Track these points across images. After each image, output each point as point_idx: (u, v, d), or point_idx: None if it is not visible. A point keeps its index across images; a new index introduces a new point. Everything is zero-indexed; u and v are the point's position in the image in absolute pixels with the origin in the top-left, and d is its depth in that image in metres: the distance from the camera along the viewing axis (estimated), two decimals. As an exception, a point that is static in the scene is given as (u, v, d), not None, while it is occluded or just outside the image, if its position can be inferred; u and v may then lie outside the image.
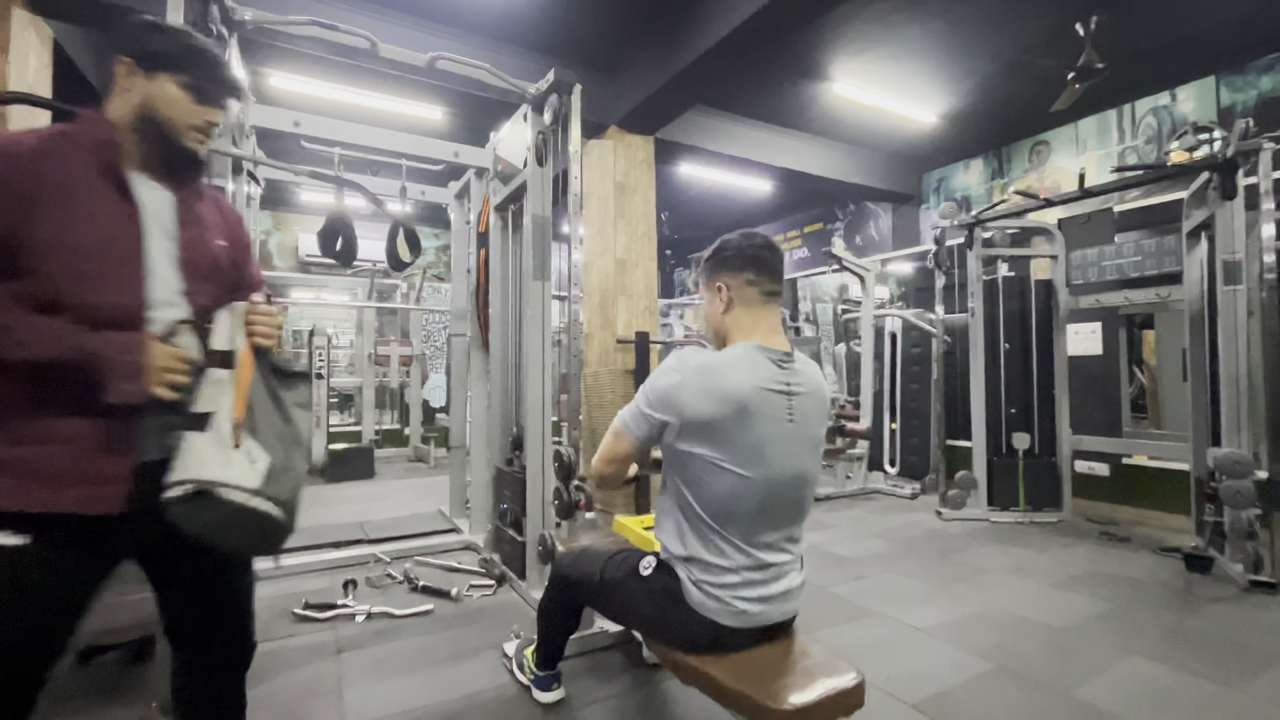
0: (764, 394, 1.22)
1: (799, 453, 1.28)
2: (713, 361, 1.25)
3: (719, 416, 1.20)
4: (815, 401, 1.31)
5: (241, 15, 1.91)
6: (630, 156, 4.03)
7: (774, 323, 1.34)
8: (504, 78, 2.37)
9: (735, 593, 1.24)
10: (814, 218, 7.11)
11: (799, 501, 1.31)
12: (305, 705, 1.78)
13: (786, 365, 1.28)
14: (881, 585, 2.82)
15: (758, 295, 1.32)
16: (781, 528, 1.30)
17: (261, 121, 2.61)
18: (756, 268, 1.32)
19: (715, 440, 1.21)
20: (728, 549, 1.25)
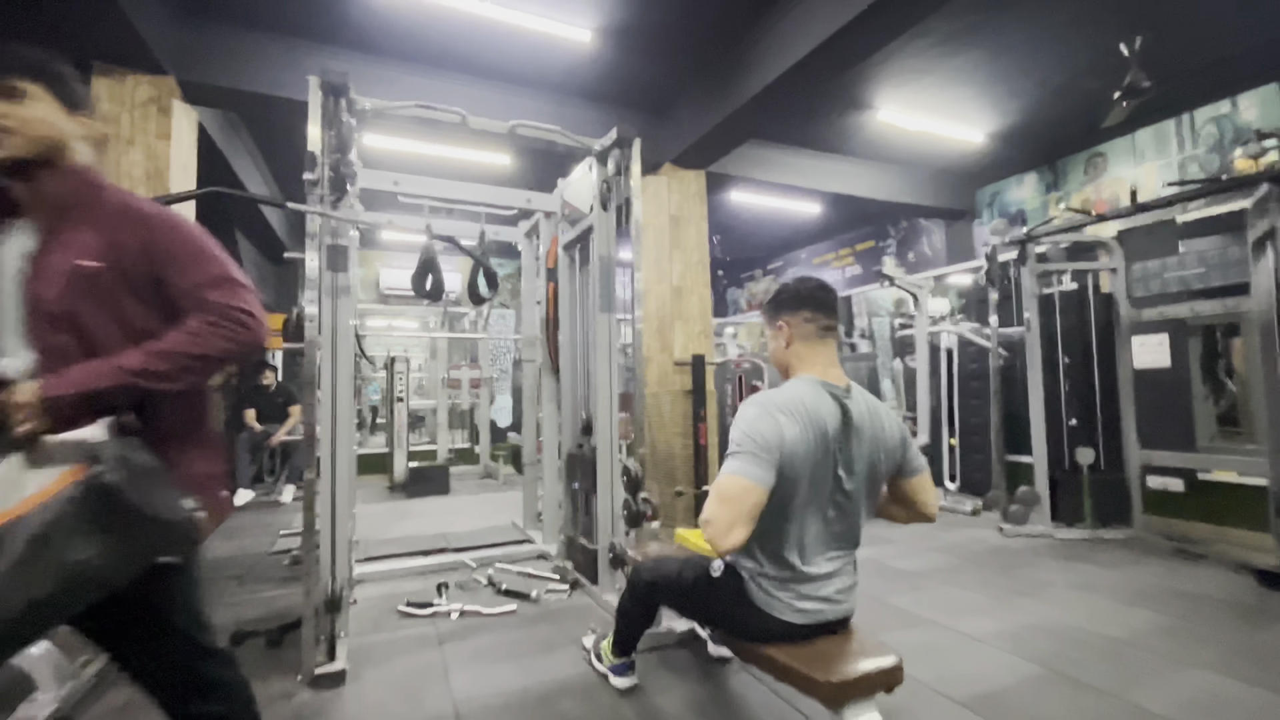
0: (826, 420, 1.39)
1: (854, 475, 1.45)
2: (788, 397, 1.41)
3: (803, 441, 1.36)
4: (869, 431, 1.45)
5: (363, 105, 2.32)
6: (683, 191, 4.32)
7: (831, 356, 1.53)
8: (572, 137, 2.70)
9: (795, 595, 1.45)
10: (865, 235, 7.19)
11: (851, 521, 1.49)
12: (420, 685, 2.08)
13: (845, 399, 1.45)
14: (939, 597, 2.91)
15: (814, 330, 1.50)
16: (839, 543, 1.49)
17: (367, 184, 3.04)
18: (813, 306, 1.51)
19: (789, 464, 1.35)
20: (787, 559, 1.44)
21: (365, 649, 2.38)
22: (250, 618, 2.64)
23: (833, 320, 1.53)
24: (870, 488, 1.51)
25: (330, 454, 2.32)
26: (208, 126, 3.69)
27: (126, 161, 2.86)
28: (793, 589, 1.45)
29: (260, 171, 5.15)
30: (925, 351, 5.22)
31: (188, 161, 3.23)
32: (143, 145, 2.91)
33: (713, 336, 4.49)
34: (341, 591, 2.23)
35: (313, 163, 2.06)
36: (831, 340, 1.54)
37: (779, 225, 7.28)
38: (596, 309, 2.87)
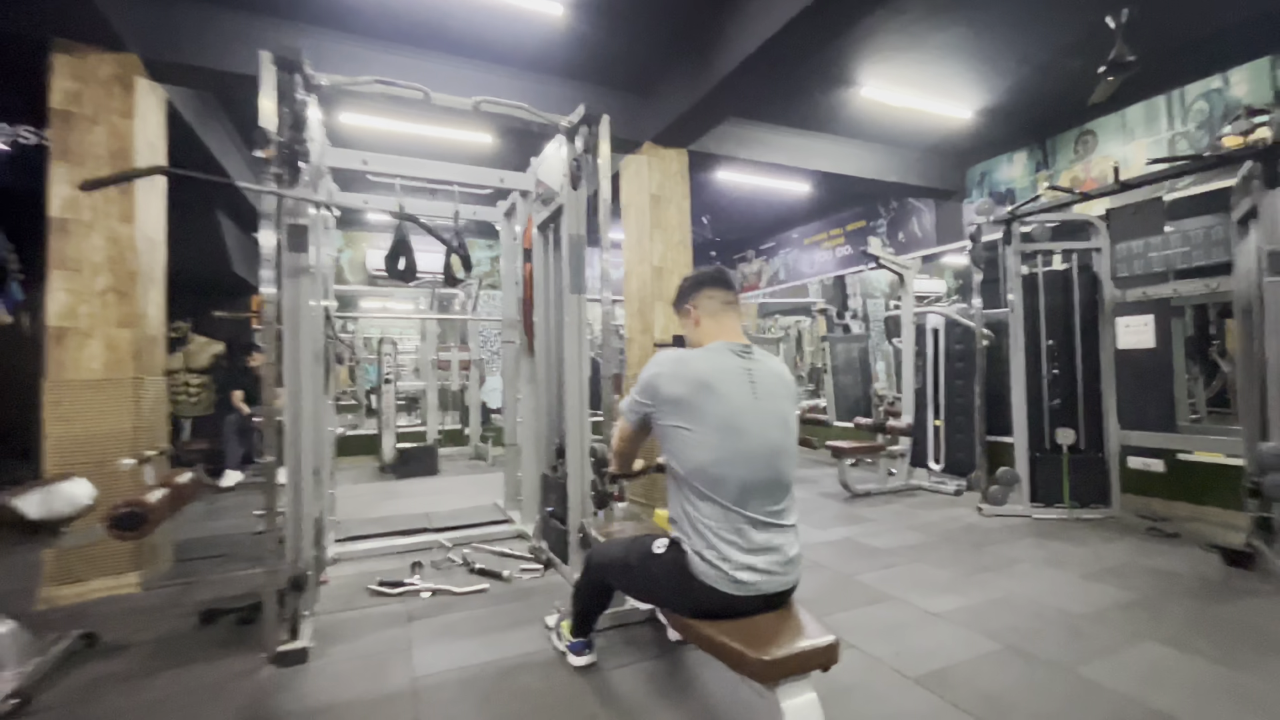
0: (724, 373, 1.52)
1: (767, 425, 1.51)
2: (683, 355, 1.59)
3: (687, 394, 1.49)
4: (775, 381, 1.58)
5: (320, 81, 2.28)
6: (664, 170, 4.26)
7: (734, 325, 1.67)
8: (539, 114, 2.66)
9: (731, 562, 1.46)
10: (856, 215, 7.12)
11: (778, 474, 1.52)
12: (383, 661, 2.11)
13: (745, 354, 1.58)
14: (907, 574, 2.93)
15: (717, 305, 1.67)
16: (766, 501, 1.50)
17: (335, 162, 3.01)
18: (711, 284, 1.68)
19: (686, 413, 1.49)
20: (720, 518, 1.47)
21: (334, 627, 2.41)
22: (228, 595, 2.67)
23: (732, 296, 1.70)
24: (789, 441, 1.56)
25: (293, 435, 2.32)
26: (181, 107, 3.63)
27: (89, 140, 2.82)
28: (731, 557, 1.46)
29: (240, 152, 5.09)
30: (911, 333, 5.20)
31: (155, 141, 3.19)
32: (106, 124, 2.86)
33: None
34: (306, 571, 2.25)
35: (263, 140, 2.03)
36: (733, 312, 1.70)
37: (769, 205, 7.21)
38: (567, 289, 2.85)
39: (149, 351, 3.04)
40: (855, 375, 7.61)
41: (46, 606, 2.66)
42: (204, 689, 1.93)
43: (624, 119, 4.12)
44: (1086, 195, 3.69)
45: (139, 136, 2.98)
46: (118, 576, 2.83)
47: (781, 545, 1.52)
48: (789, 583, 1.54)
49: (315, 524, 2.57)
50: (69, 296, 2.79)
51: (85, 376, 2.80)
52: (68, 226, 2.80)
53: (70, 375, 2.78)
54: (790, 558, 1.53)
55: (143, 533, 1.88)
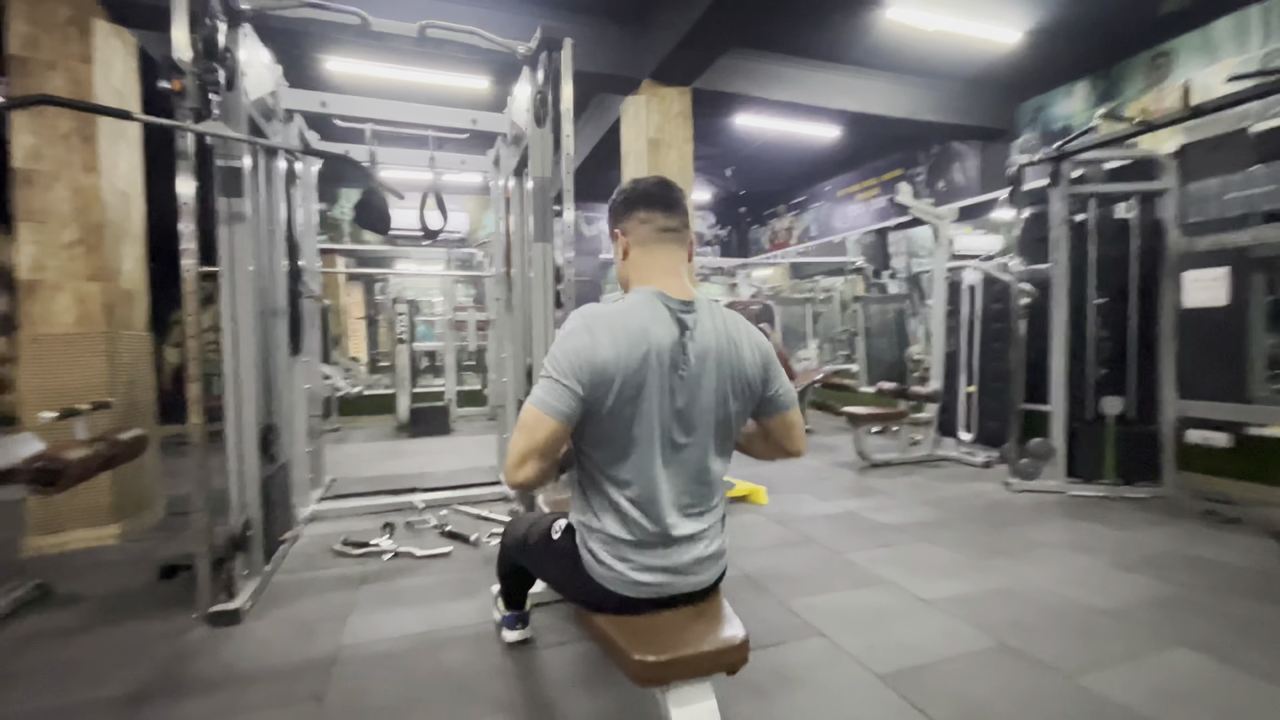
0: (648, 336, 1.16)
1: (694, 408, 1.21)
2: (613, 311, 1.18)
3: (625, 367, 1.13)
4: (715, 357, 1.21)
5: (239, 4, 2.08)
6: (664, 110, 3.92)
7: (671, 263, 1.26)
8: (493, 39, 2.39)
9: (630, 563, 1.22)
10: (893, 163, 6.53)
11: (700, 464, 1.25)
12: (316, 625, 2.02)
13: (686, 314, 1.20)
14: (907, 554, 2.65)
15: (651, 232, 1.26)
16: (683, 494, 1.25)
17: (291, 104, 2.83)
18: (647, 204, 1.26)
19: (599, 382, 1.13)
20: (623, 515, 1.21)
21: (284, 587, 2.35)
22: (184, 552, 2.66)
23: (673, 220, 1.27)
24: (723, 424, 1.25)
25: (234, 393, 2.22)
26: (153, 52, 3.53)
27: (47, 86, 2.74)
28: (631, 557, 1.23)
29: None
30: (942, 290, 4.74)
31: (123, 88, 3.09)
32: (64, 69, 2.77)
33: (694, 274, 4.16)
34: (245, 531, 2.17)
35: (170, 70, 1.86)
36: (672, 243, 1.27)
37: (797, 155, 6.69)
38: (531, 238, 2.62)
39: (124, 306, 3.01)
40: (890, 338, 7.15)
41: (31, 555, 2.72)
42: (128, 648, 1.88)
43: (619, 54, 3.78)
44: (1149, 125, 3.15)
45: (100, 83, 2.88)
46: (100, 528, 2.86)
47: (699, 540, 1.27)
48: (703, 582, 1.30)
49: (272, 482, 2.49)
50: (36, 249, 2.76)
51: (57, 330, 2.79)
52: (31, 178, 2.75)
53: (42, 329, 2.77)
54: (705, 555, 1.28)
55: (61, 487, 1.82)
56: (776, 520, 3.16)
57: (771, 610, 2.12)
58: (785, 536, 2.92)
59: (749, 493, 3.51)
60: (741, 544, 2.80)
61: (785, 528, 3.04)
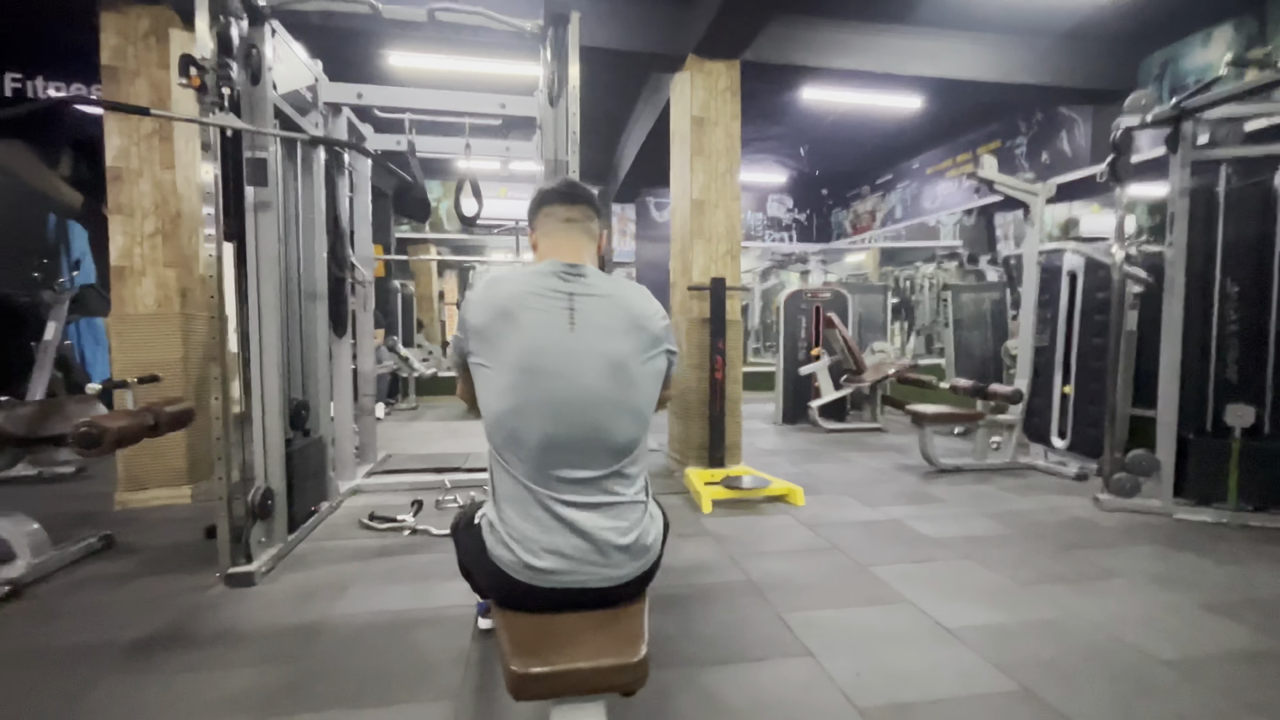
0: (532, 297, 1.17)
1: (584, 366, 1.14)
2: (498, 276, 1.26)
3: (488, 322, 1.18)
4: (611, 311, 1.19)
5: (258, 1, 2.18)
6: (710, 87, 3.72)
7: (570, 245, 1.29)
8: (500, 19, 2.36)
9: (527, 545, 1.15)
10: (989, 134, 5.83)
11: (598, 432, 1.15)
12: (316, 596, 2.12)
13: (572, 276, 1.20)
14: (944, 573, 2.36)
15: (553, 223, 1.31)
16: (582, 468, 1.16)
17: (330, 97, 2.97)
18: (553, 199, 1.32)
19: (486, 347, 1.18)
20: (522, 484, 1.15)
21: (305, 554, 2.51)
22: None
23: (576, 212, 1.32)
24: (615, 390, 1.16)
25: (258, 370, 2.37)
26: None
27: (133, 92, 3.06)
28: (526, 537, 1.15)
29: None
30: (1033, 276, 4.18)
31: (200, 91, 3.38)
32: (146, 76, 3.09)
33: (740, 258, 3.94)
34: (266, 500, 2.32)
35: (188, 67, 1.99)
36: (574, 231, 1.31)
37: (877, 130, 6.17)
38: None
39: (197, 290, 3.33)
40: (984, 331, 6.47)
41: (119, 508, 3.11)
42: (155, 599, 2.08)
43: (661, 30, 3.64)
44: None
45: (175, 86, 3.17)
46: (175, 488, 3.21)
47: (603, 527, 1.17)
48: (619, 577, 1.19)
49: (303, 455, 2.66)
50: (125, 239, 3.11)
51: (141, 311, 3.14)
52: (120, 174, 3.09)
53: (129, 310, 3.13)
54: (620, 545, 1.18)
55: (102, 450, 2.03)
56: (806, 524, 2.94)
57: (763, 621, 1.96)
58: (809, 542, 2.70)
59: (785, 492, 3.30)
60: (757, 547, 2.63)
61: (813, 532, 2.82)
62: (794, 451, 4.73)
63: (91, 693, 1.56)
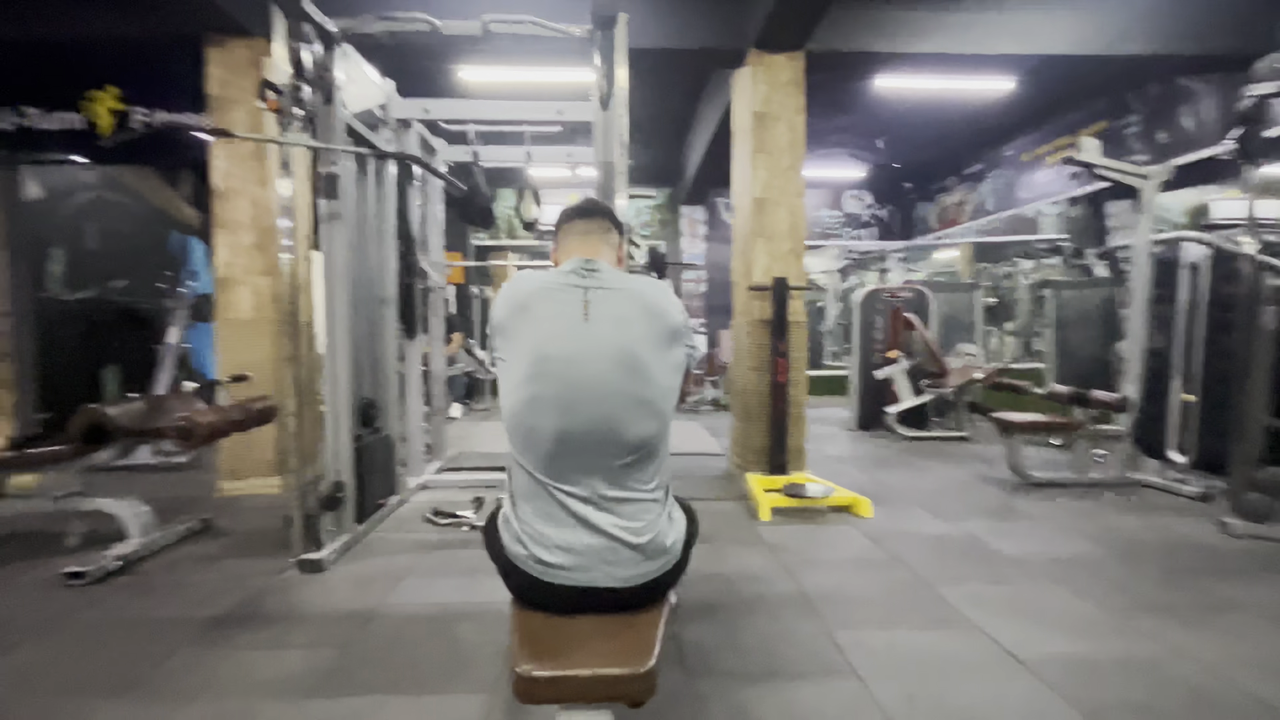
0: (549, 291, 1.19)
1: (599, 358, 1.13)
2: (523, 274, 1.29)
3: (509, 317, 1.20)
4: (628, 304, 1.18)
5: (329, 27, 2.34)
6: (771, 80, 3.61)
7: (589, 249, 1.30)
8: (549, 26, 2.39)
9: (540, 540, 1.14)
10: (1095, 115, 5.27)
11: (610, 423, 1.12)
12: (372, 585, 2.23)
13: (587, 271, 1.20)
14: (1021, 596, 2.14)
15: (571, 237, 1.34)
16: (597, 458, 1.13)
17: (400, 113, 3.14)
18: (572, 217, 1.36)
19: (505, 343, 1.20)
20: (536, 479, 1.15)
21: (371, 544, 2.65)
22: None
23: (593, 225, 1.35)
24: (630, 384, 1.14)
25: (330, 370, 2.54)
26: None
27: (234, 119, 3.37)
28: (538, 534, 1.14)
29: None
30: (1144, 269, 3.74)
31: (293, 114, 3.69)
32: (244, 103, 3.40)
33: (803, 257, 3.78)
34: (336, 493, 2.47)
35: (266, 91, 2.16)
36: (591, 238, 1.33)
37: (963, 116, 5.75)
38: (595, 224, 2.59)
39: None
40: (1092, 331, 5.88)
41: (220, 495, 3.43)
42: (235, 579, 2.26)
43: (719, 25, 3.57)
44: None
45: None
46: (267, 478, 3.49)
47: (616, 524, 1.14)
48: (632, 578, 1.15)
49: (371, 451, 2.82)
50: (226, 251, 3.44)
51: (240, 317, 3.45)
52: (224, 193, 3.42)
53: (230, 315, 3.45)
54: (633, 544, 1.14)
55: (194, 443, 2.25)
56: (871, 536, 2.77)
57: (809, 637, 1.85)
58: (870, 555, 2.54)
59: (851, 503, 3.12)
60: (813, 558, 2.50)
61: (876, 545, 2.65)
62: (866, 459, 4.48)
63: (169, 660, 1.72)
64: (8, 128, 3.67)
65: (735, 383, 3.90)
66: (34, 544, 2.59)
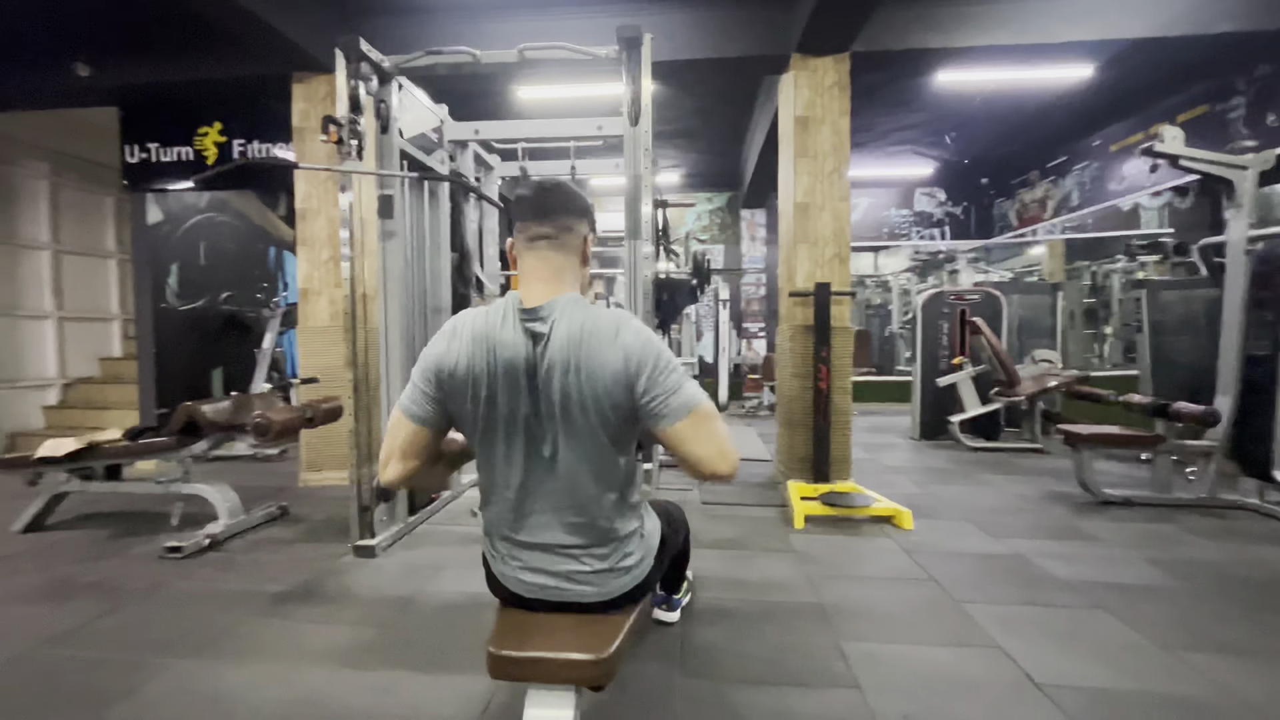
0: (507, 349, 1.10)
1: (552, 420, 1.12)
2: (473, 315, 1.17)
3: (472, 370, 1.12)
4: (574, 361, 1.08)
5: (384, 64, 2.58)
6: (815, 85, 3.56)
7: (537, 268, 1.17)
8: (579, 50, 2.51)
9: (509, 563, 1.23)
10: (1194, 99, 4.77)
11: (571, 477, 1.15)
12: (417, 573, 2.43)
13: (532, 322, 1.11)
14: (1059, 621, 2.02)
15: (524, 241, 1.19)
16: (561, 510, 1.18)
17: (454, 135, 3.37)
18: (520, 213, 1.19)
19: (466, 396, 1.13)
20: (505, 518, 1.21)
21: (421, 535, 2.87)
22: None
23: (544, 227, 1.17)
24: (592, 437, 1.12)
25: (385, 370, 2.78)
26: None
27: (313, 149, 3.75)
28: (513, 554, 1.23)
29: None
30: (1240, 267, 3.38)
31: (366, 139, 4.04)
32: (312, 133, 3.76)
33: (849, 261, 3.68)
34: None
35: (327, 126, 2.42)
36: (544, 249, 1.17)
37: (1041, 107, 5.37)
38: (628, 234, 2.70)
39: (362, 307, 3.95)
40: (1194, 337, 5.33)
41: (303, 485, 3.81)
42: (302, 560, 2.54)
43: (759, 32, 3.57)
44: None
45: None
46: (342, 471, 3.84)
47: (584, 559, 1.19)
48: (603, 594, 1.22)
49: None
50: (308, 266, 3.82)
51: (317, 325, 3.82)
52: (305, 214, 3.80)
53: (311, 324, 3.83)
54: (601, 569, 1.19)
55: (270, 438, 2.55)
56: (907, 549, 2.69)
57: (818, 648, 1.85)
58: (901, 569, 2.47)
59: (891, 514, 3.04)
60: (840, 569, 2.47)
61: (909, 559, 2.57)
62: (923, 470, 4.30)
63: (239, 628, 1.97)
64: (135, 161, 4.26)
65: (779, 389, 3.87)
66: (146, 521, 3.01)
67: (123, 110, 4.29)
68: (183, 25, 3.58)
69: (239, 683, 1.68)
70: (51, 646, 1.88)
